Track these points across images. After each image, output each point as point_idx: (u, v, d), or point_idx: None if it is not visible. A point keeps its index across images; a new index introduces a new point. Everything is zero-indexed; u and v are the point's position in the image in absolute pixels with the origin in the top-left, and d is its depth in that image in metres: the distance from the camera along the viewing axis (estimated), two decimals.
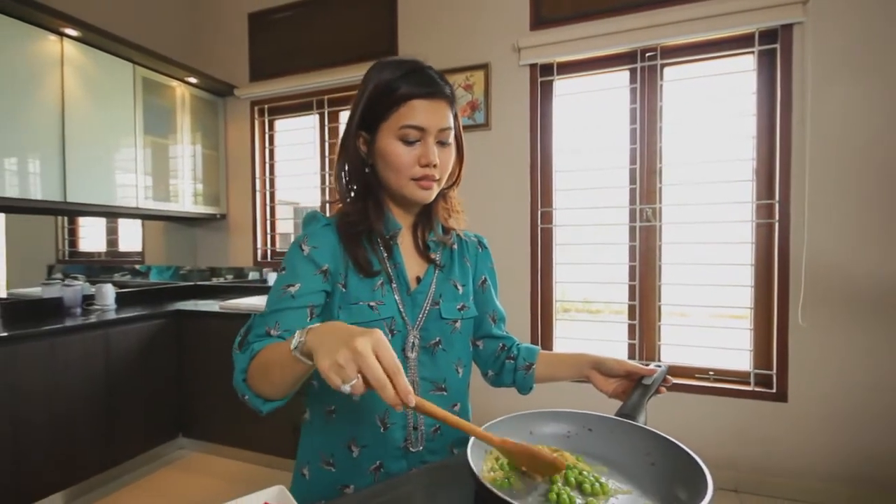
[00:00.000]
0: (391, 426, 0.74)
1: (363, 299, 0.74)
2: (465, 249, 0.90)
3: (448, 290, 0.82)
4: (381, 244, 0.78)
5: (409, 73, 0.71)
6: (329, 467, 0.76)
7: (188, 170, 2.86)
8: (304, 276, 0.71)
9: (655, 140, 2.16)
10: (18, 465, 1.82)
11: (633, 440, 0.62)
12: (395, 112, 0.71)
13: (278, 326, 0.68)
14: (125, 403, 2.24)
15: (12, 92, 1.99)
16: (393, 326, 0.75)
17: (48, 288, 2.43)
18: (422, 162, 0.72)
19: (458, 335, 0.82)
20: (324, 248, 0.74)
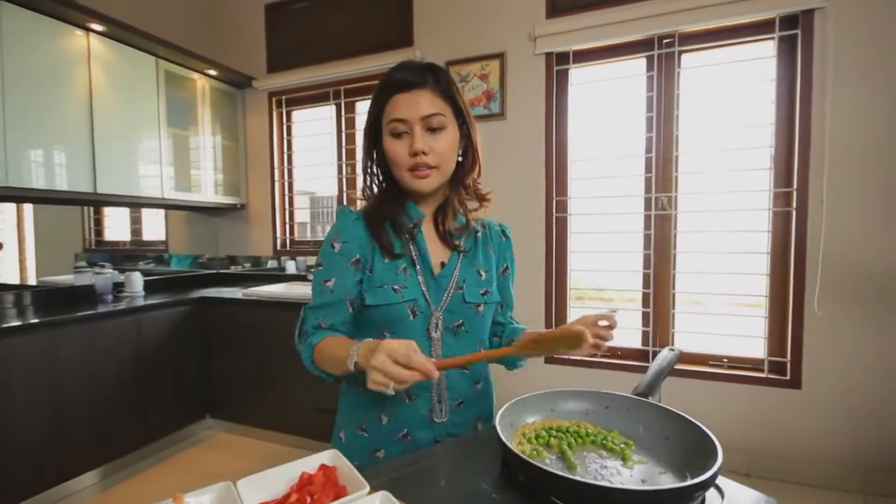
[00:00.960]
0: (416, 398, 0.81)
1: (388, 282, 0.79)
2: (490, 238, 0.94)
3: (472, 276, 0.86)
4: (405, 231, 0.83)
5: (393, 72, 0.78)
6: (362, 433, 0.83)
7: (209, 161, 2.94)
8: (338, 271, 0.80)
9: (672, 128, 2.16)
10: (60, 442, 1.94)
11: (648, 416, 0.66)
12: (385, 110, 0.78)
13: (327, 321, 0.80)
14: (156, 385, 2.35)
15: (43, 87, 2.06)
16: (415, 308, 0.80)
17: (80, 276, 2.54)
18: (410, 152, 0.76)
19: (480, 318, 0.86)
20: (352, 240, 0.81)
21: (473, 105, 2.50)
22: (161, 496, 2.10)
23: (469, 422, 0.85)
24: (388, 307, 0.79)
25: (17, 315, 2.05)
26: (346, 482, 0.46)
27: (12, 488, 1.80)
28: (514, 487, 0.58)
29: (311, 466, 0.50)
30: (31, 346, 1.86)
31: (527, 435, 0.63)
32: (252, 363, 2.52)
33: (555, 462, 0.59)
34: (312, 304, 0.82)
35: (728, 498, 0.55)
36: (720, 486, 0.57)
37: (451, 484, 0.52)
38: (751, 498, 0.55)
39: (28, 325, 1.87)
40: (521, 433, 0.63)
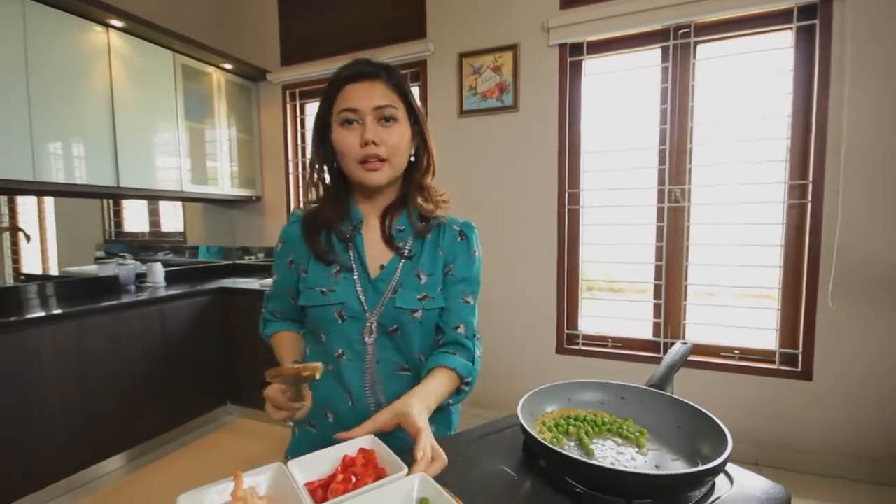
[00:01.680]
0: (357, 401, 0.80)
1: (318, 285, 0.80)
2: (442, 238, 0.85)
3: (410, 280, 0.81)
4: (343, 234, 0.82)
5: (348, 66, 0.78)
6: (311, 428, 0.85)
7: (225, 154, 2.99)
8: (279, 270, 0.89)
9: (686, 120, 2.15)
10: (89, 427, 2.03)
11: (661, 407, 0.69)
12: (336, 101, 0.77)
13: (277, 310, 0.92)
14: (179, 373, 2.43)
15: (66, 83, 2.12)
16: (343, 312, 0.79)
17: (104, 267, 2.62)
18: (361, 141, 0.74)
19: (417, 325, 0.80)
20: (289, 242, 0.87)
21: (486, 97, 2.51)
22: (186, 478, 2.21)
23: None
24: (316, 309, 0.80)
25: (47, 305, 2.14)
26: (385, 465, 0.50)
27: (45, 471, 1.90)
28: (533, 471, 0.62)
29: (351, 450, 0.54)
30: (61, 335, 1.94)
31: (546, 423, 0.66)
32: (270, 351, 2.58)
33: (573, 449, 0.63)
34: (269, 292, 0.94)
35: (737, 484, 0.58)
36: (730, 473, 0.60)
37: (475, 467, 0.56)
38: (759, 484, 0.58)
39: (58, 314, 1.95)
40: (540, 422, 0.67)
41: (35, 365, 1.85)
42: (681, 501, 0.54)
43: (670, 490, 0.53)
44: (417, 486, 0.45)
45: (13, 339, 1.79)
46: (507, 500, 0.47)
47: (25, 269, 2.36)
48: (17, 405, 1.80)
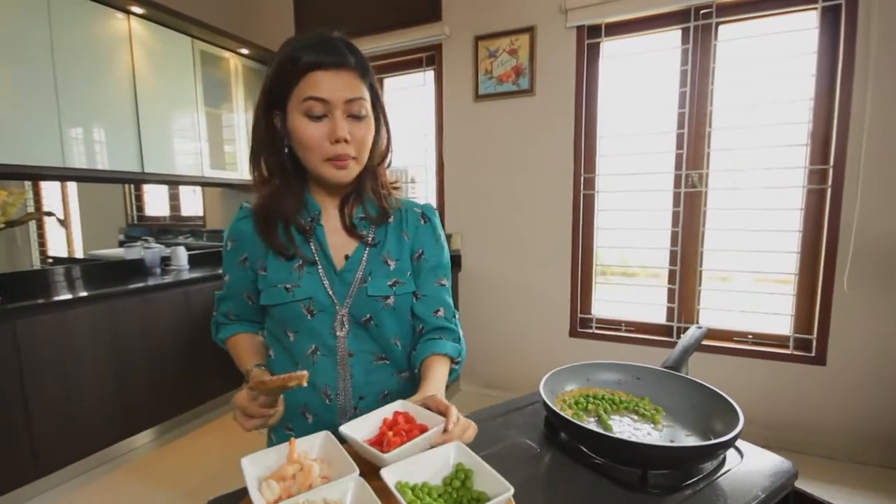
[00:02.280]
0: (334, 399, 0.77)
1: (280, 282, 0.75)
2: (405, 223, 0.82)
3: (378, 267, 0.78)
4: (302, 227, 0.77)
5: (312, 44, 0.68)
6: (290, 431, 0.81)
7: (243, 138, 3.03)
8: (231, 269, 0.82)
9: (705, 103, 2.13)
10: (122, 402, 2.14)
11: (675, 387, 0.73)
12: (298, 86, 0.67)
13: (232, 312, 0.86)
14: (204, 352, 2.53)
15: (91, 70, 2.16)
16: (312, 307, 0.75)
17: (130, 250, 2.71)
18: (331, 138, 0.68)
19: (390, 311, 0.78)
20: (241, 240, 0.80)
21: (502, 81, 2.50)
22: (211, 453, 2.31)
23: None
24: (282, 307, 0.75)
25: (80, 287, 2.23)
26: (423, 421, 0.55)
27: (82, 444, 2.01)
28: (554, 444, 0.66)
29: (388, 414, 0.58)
30: (97, 315, 2.04)
31: (567, 401, 0.71)
32: None
33: (593, 424, 0.67)
34: (219, 292, 0.87)
35: (747, 458, 0.62)
36: (740, 448, 0.64)
37: (500, 441, 0.60)
38: (767, 459, 0.62)
39: (94, 296, 2.04)
40: (561, 399, 0.71)
41: (73, 344, 1.96)
42: (693, 473, 0.58)
43: (684, 462, 0.57)
44: (454, 453, 0.49)
45: (53, 320, 1.89)
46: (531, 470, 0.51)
47: (51, 252, 2.45)
48: (58, 382, 1.91)
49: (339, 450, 0.50)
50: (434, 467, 0.48)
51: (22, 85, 1.92)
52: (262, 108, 0.73)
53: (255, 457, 0.48)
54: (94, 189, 2.57)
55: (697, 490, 0.55)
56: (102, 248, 2.67)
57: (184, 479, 2.02)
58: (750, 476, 0.58)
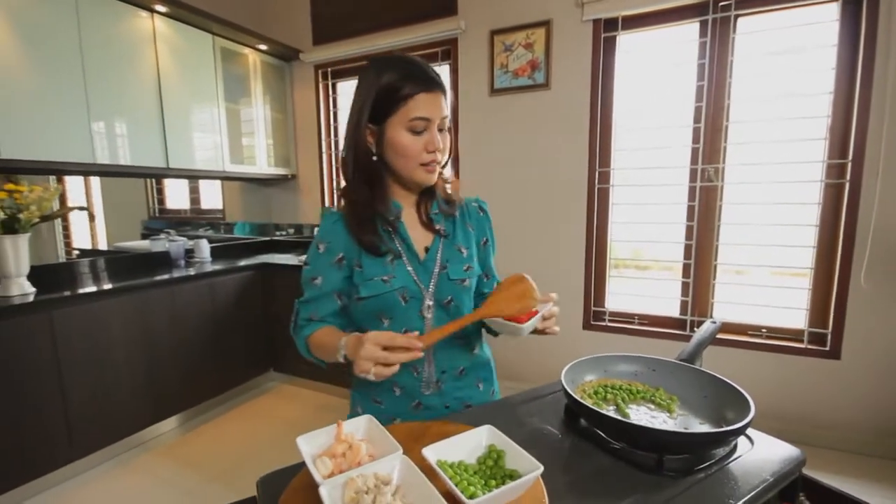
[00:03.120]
0: (421, 371, 0.89)
1: (377, 275, 0.86)
2: (468, 216, 0.97)
3: (454, 255, 0.91)
4: (388, 225, 0.88)
5: (411, 72, 0.81)
6: (378, 404, 0.92)
7: (262, 133, 3.09)
8: (323, 270, 0.89)
9: (723, 97, 2.12)
10: (152, 389, 2.24)
11: (689, 378, 0.77)
12: (403, 107, 0.80)
13: (317, 314, 0.90)
14: (228, 341, 2.63)
15: (118, 68, 2.23)
16: (406, 294, 0.86)
17: (155, 242, 2.80)
18: (429, 148, 0.82)
19: (466, 292, 0.92)
20: (336, 241, 0.89)
21: (518, 75, 2.51)
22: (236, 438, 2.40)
23: (472, 385, 0.95)
24: (380, 297, 0.86)
25: (109, 278, 2.33)
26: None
27: (114, 428, 2.12)
28: (574, 431, 0.71)
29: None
30: (126, 305, 2.13)
31: (586, 391, 0.75)
32: None
33: (612, 412, 0.71)
34: (303, 297, 0.92)
35: (757, 445, 0.66)
36: (751, 436, 0.68)
37: (523, 427, 0.65)
38: (777, 446, 0.66)
39: (124, 287, 2.13)
40: (580, 389, 0.75)
41: (106, 333, 2.05)
42: (706, 458, 0.62)
43: (697, 447, 0.62)
44: (486, 436, 0.54)
45: (87, 310, 1.99)
46: (553, 454, 0.55)
47: (76, 245, 2.54)
48: (92, 370, 2.01)
49: (382, 431, 0.55)
50: (468, 448, 0.53)
51: (53, 84, 1.99)
52: (356, 124, 0.85)
53: (309, 436, 0.53)
54: (117, 183, 2.65)
55: (710, 474, 0.59)
56: (126, 240, 2.76)
57: (210, 462, 2.12)
58: (759, 462, 0.62)
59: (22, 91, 1.90)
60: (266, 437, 2.33)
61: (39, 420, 1.85)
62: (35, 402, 1.83)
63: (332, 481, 0.45)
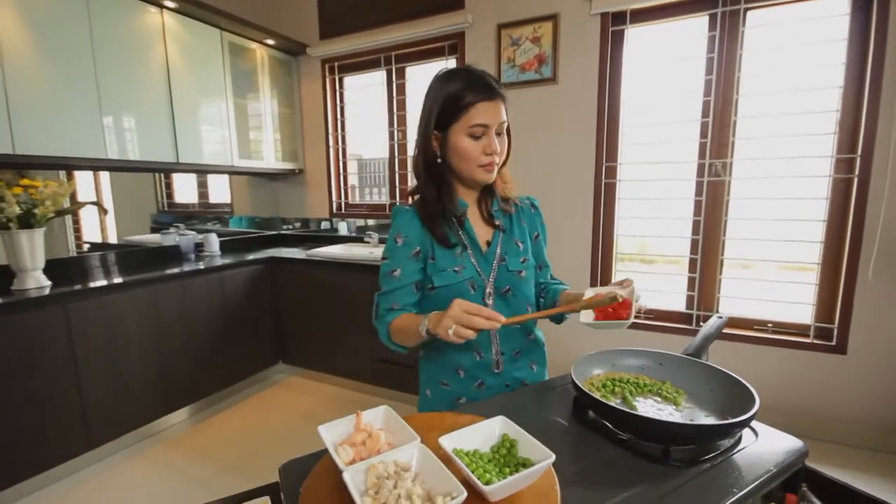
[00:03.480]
0: (484, 354, 0.98)
1: (448, 266, 0.95)
2: (522, 213, 1.08)
3: (512, 248, 1.01)
4: (455, 220, 0.98)
5: (473, 83, 0.90)
6: (444, 386, 1.01)
7: (270, 128, 3.11)
8: (402, 262, 0.96)
9: (731, 91, 2.12)
10: (163, 381, 2.28)
11: (696, 372, 0.79)
12: (465, 115, 0.89)
13: (397, 303, 0.97)
14: (238, 334, 2.67)
15: (128, 65, 2.25)
16: (473, 284, 0.96)
17: (166, 236, 2.84)
18: (487, 151, 0.91)
19: (524, 282, 1.02)
20: (412, 234, 0.96)
21: (525, 70, 2.51)
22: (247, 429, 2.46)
23: (526, 367, 1.03)
24: (451, 286, 0.95)
25: (122, 271, 2.37)
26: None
27: (128, 418, 2.17)
28: (582, 422, 0.73)
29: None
30: (139, 298, 2.17)
31: (595, 384, 0.77)
32: (316, 316, 2.79)
33: (619, 405, 0.73)
34: (382, 290, 0.98)
35: (761, 437, 0.68)
36: (755, 428, 0.69)
37: (532, 418, 0.67)
38: (780, 438, 0.68)
39: (138, 280, 2.17)
40: (589, 382, 0.77)
41: (120, 326, 2.09)
42: (711, 449, 0.64)
43: (702, 438, 0.63)
44: (499, 426, 0.56)
45: (102, 303, 2.03)
46: (562, 444, 0.57)
47: (86, 238, 2.57)
48: (107, 361, 2.05)
49: (400, 421, 0.57)
50: (483, 437, 0.55)
51: (65, 80, 2.02)
52: (425, 131, 0.95)
53: (330, 426, 0.56)
54: (126, 177, 2.66)
55: (715, 464, 0.61)
56: (136, 234, 2.79)
57: (222, 453, 2.16)
58: (763, 453, 0.64)
59: (35, 87, 1.93)
60: (277, 428, 2.38)
61: (58, 410, 1.89)
62: (53, 392, 1.87)
63: (354, 467, 0.47)
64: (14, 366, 1.76)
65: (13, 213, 1.85)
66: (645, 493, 0.55)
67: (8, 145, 1.87)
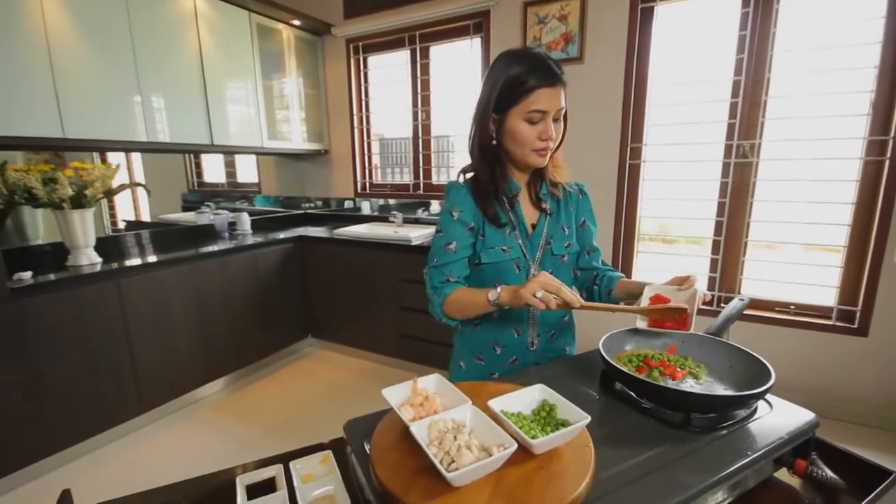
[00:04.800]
0: (522, 333, 1.04)
1: (497, 245, 0.99)
2: (569, 198, 1.09)
3: (557, 232, 1.04)
4: (506, 201, 1.00)
5: (536, 67, 0.88)
6: (479, 361, 1.06)
7: (297, 109, 3.18)
8: (457, 235, 0.98)
9: (763, 70, 2.08)
10: (204, 352, 2.44)
11: (716, 350, 0.85)
12: (525, 100, 0.89)
13: (453, 275, 0.99)
14: (270, 309, 2.81)
15: (163, 49, 2.33)
16: (519, 263, 1.00)
17: (201, 215, 2.97)
18: (542, 137, 0.91)
19: (565, 266, 1.06)
20: (467, 210, 0.98)
21: (550, 49, 2.50)
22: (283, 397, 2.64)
23: (560, 347, 1.09)
24: (499, 264, 0.99)
25: (162, 249, 2.50)
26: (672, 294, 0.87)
27: (175, 385, 2.34)
28: (610, 393, 0.80)
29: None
30: (183, 275, 2.31)
31: (621, 359, 0.84)
32: (343, 292, 2.91)
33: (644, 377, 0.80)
34: (437, 263, 0.99)
35: (775, 409, 0.74)
36: (770, 401, 0.76)
37: (564, 388, 0.74)
38: (794, 410, 0.74)
39: (181, 257, 2.31)
40: (616, 358, 0.84)
41: (166, 300, 2.24)
42: (729, 418, 0.70)
43: (720, 407, 0.70)
44: (539, 393, 0.64)
45: (149, 279, 2.17)
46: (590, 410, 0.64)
47: (122, 217, 2.69)
48: (155, 333, 2.21)
49: (451, 387, 0.65)
50: (525, 402, 0.63)
51: (107, 67, 2.11)
52: (482, 112, 0.96)
53: (391, 389, 0.65)
54: (157, 157, 2.75)
55: (731, 431, 0.68)
56: (168, 212, 2.92)
57: (262, 418, 2.33)
58: (776, 422, 0.70)
59: (80, 75, 2.02)
60: (311, 396, 2.53)
61: (114, 377, 2.06)
62: (109, 360, 2.04)
63: (419, 423, 0.55)
64: (74, 336, 1.91)
65: (66, 194, 1.97)
66: (667, 452, 0.63)
67: (58, 129, 1.98)
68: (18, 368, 1.77)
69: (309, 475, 0.69)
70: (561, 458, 0.54)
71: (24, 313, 1.77)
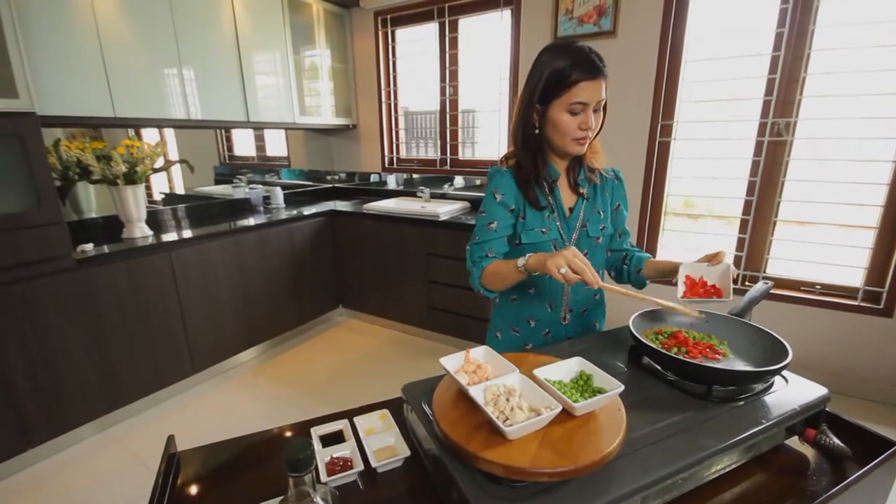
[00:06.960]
0: (556, 308, 1.12)
1: (536, 226, 1.06)
2: (605, 183, 1.15)
3: (593, 216, 1.11)
4: (546, 185, 1.07)
5: (579, 61, 0.93)
6: (515, 332, 1.16)
7: (326, 84, 3.22)
8: (499, 216, 1.06)
9: (804, 45, 2.03)
10: (246, 318, 2.61)
11: (739, 330, 0.91)
12: (567, 92, 0.95)
13: (492, 251, 1.07)
14: (304, 280, 2.96)
15: (201, 28, 2.39)
16: (556, 245, 1.07)
17: (237, 189, 3.09)
18: (582, 127, 0.97)
19: (599, 247, 1.13)
20: (509, 193, 1.06)
21: (582, 22, 2.47)
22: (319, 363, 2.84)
23: (590, 323, 1.18)
24: (537, 245, 1.06)
25: (205, 222, 2.65)
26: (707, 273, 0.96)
27: (222, 348, 2.53)
28: (637, 366, 0.89)
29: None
30: (227, 246, 2.46)
31: (649, 336, 0.91)
32: (372, 265, 3.03)
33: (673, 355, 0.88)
34: (478, 240, 1.07)
35: (791, 384, 0.81)
36: (786, 377, 0.83)
37: (596, 360, 0.82)
38: (808, 386, 0.81)
39: (225, 230, 2.46)
40: (643, 334, 0.92)
41: (212, 270, 2.40)
42: (747, 391, 0.78)
43: (739, 381, 0.78)
44: (576, 365, 0.73)
45: (197, 250, 2.32)
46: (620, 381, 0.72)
47: (157, 190, 2.82)
48: (203, 300, 2.37)
49: (498, 357, 0.74)
50: (564, 371, 0.72)
51: (150, 46, 2.20)
52: (527, 103, 1.01)
53: (447, 359, 0.74)
54: (190, 131, 2.84)
55: (749, 401, 0.76)
56: (202, 185, 3.04)
57: (302, 381, 2.51)
58: (791, 396, 0.77)
59: (126, 55, 2.12)
60: (344, 362, 2.70)
61: (168, 340, 2.25)
62: (164, 326, 2.22)
63: (476, 387, 0.65)
64: (132, 302, 2.09)
65: (120, 171, 2.11)
66: (690, 418, 0.71)
67: (109, 109, 2.09)
68: (85, 333, 1.95)
69: (371, 429, 0.80)
70: (597, 419, 0.63)
71: (90, 282, 1.93)
